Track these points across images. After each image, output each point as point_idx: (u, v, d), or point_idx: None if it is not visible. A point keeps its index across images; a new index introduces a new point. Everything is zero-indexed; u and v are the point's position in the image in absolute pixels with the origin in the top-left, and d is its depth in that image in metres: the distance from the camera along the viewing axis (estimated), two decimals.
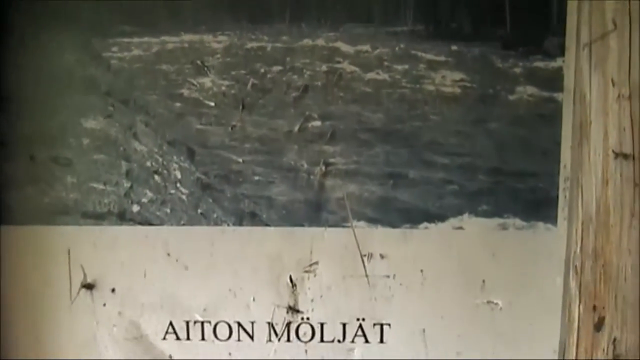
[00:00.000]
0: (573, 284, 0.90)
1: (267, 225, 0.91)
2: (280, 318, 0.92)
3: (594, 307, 0.89)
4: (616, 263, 0.87)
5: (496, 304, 0.92)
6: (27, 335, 0.93)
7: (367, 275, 0.91)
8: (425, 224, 0.91)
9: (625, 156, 0.86)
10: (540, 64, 0.89)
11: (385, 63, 0.89)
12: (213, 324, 0.93)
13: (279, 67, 0.89)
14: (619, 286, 0.88)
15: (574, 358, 0.90)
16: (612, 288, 0.88)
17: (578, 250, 0.89)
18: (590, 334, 0.89)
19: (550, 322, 0.92)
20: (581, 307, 0.89)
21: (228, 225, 0.91)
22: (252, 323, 0.93)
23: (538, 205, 0.90)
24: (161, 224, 0.91)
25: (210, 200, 0.91)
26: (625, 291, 0.87)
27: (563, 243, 0.90)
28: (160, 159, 0.91)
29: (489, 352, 0.92)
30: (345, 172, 0.90)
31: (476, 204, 0.90)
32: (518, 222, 0.91)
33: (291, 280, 0.92)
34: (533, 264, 0.91)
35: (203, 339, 0.93)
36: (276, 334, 0.93)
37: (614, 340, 0.88)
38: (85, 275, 0.92)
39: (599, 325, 0.89)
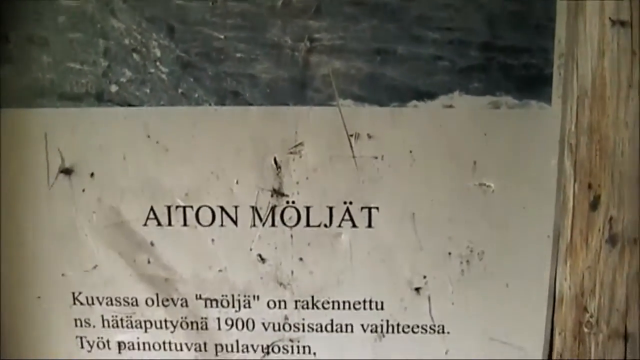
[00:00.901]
0: (568, 163, 0.86)
1: (250, 104, 0.87)
2: (265, 202, 0.89)
3: (590, 185, 0.85)
4: (613, 137, 0.84)
5: (488, 186, 0.88)
6: (5, 223, 0.90)
7: (354, 157, 0.88)
8: (414, 102, 0.87)
9: (623, 23, 0.82)
10: None
11: None
12: (195, 208, 0.89)
13: None
14: (615, 161, 0.84)
15: (568, 240, 0.87)
16: (608, 164, 0.84)
17: (573, 127, 0.86)
18: (585, 214, 0.86)
19: (545, 205, 0.88)
20: (576, 186, 0.86)
21: (210, 105, 0.88)
22: (236, 207, 0.89)
23: (531, 83, 0.86)
24: (140, 104, 0.88)
25: (191, 80, 0.87)
26: (622, 166, 0.84)
27: (557, 122, 0.87)
28: (139, 37, 0.87)
29: (481, 236, 0.89)
30: (331, 48, 0.86)
31: (467, 81, 0.86)
32: (510, 100, 0.87)
33: (275, 162, 0.88)
34: (526, 144, 0.87)
35: (185, 224, 0.90)
36: (260, 219, 0.90)
37: (610, 219, 0.85)
38: (63, 159, 0.89)
39: (594, 204, 0.85)
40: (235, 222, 0.90)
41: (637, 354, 0.86)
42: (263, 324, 0.92)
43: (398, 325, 0.91)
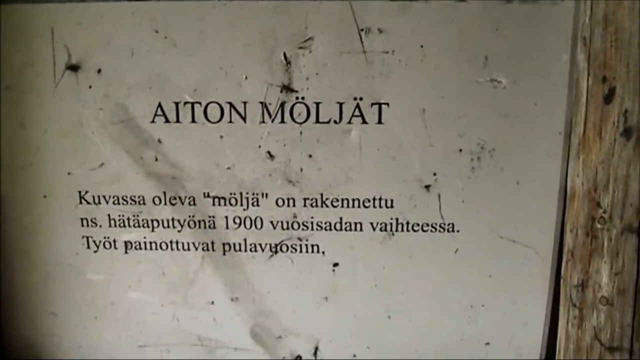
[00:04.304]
0: (581, 56, 0.85)
1: None
2: (274, 98, 0.88)
3: (604, 78, 0.84)
4: (629, 28, 0.82)
5: (499, 82, 0.87)
6: (11, 121, 0.89)
7: (364, 52, 0.87)
8: None
9: None
10: None
11: None
12: (204, 105, 0.88)
13: None
14: (631, 53, 0.83)
15: (581, 134, 0.85)
16: (624, 55, 0.83)
17: (587, 20, 0.84)
18: (599, 107, 0.84)
19: (556, 102, 0.87)
20: (590, 79, 0.85)
21: None
22: (245, 103, 0.88)
23: None
24: None
25: None
26: (638, 58, 0.83)
27: (570, 17, 0.85)
28: None
29: (491, 133, 0.88)
30: None
31: None
32: None
33: (285, 57, 0.87)
34: (538, 39, 0.86)
35: (193, 121, 0.89)
36: (269, 115, 0.88)
37: (625, 111, 0.84)
38: (69, 55, 0.88)
39: (609, 97, 0.84)
40: (244, 119, 0.89)
41: None
42: (271, 222, 0.91)
43: (407, 223, 0.90)
